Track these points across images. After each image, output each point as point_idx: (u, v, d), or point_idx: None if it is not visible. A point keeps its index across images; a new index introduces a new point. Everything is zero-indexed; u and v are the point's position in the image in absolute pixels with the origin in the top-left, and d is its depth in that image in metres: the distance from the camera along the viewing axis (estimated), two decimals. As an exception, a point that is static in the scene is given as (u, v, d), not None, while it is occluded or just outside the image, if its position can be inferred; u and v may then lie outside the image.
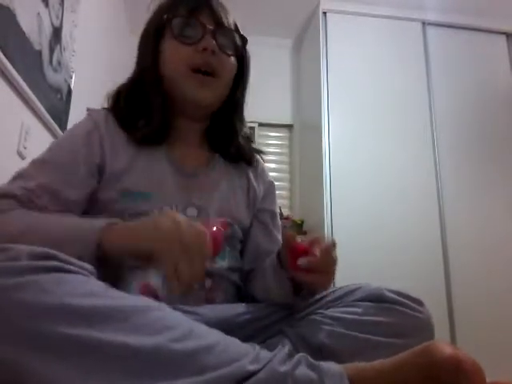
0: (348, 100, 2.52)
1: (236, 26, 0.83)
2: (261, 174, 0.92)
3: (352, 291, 0.69)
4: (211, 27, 0.77)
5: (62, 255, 0.48)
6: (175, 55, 0.77)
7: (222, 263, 0.77)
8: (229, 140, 0.86)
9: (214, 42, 0.76)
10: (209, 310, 0.67)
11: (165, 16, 0.78)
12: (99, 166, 0.74)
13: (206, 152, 0.86)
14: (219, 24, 0.78)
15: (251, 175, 0.89)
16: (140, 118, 0.79)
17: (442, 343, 0.47)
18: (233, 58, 0.82)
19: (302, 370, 0.48)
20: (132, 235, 0.58)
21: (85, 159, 0.73)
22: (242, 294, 0.83)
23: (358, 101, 2.52)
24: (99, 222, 0.61)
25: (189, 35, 0.76)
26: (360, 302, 0.66)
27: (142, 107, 0.79)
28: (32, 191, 0.68)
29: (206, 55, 0.76)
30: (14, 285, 0.42)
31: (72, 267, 0.48)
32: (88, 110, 0.83)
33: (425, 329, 0.66)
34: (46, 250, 0.48)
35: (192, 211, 0.77)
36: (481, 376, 0.45)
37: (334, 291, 0.71)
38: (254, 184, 0.88)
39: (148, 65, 0.79)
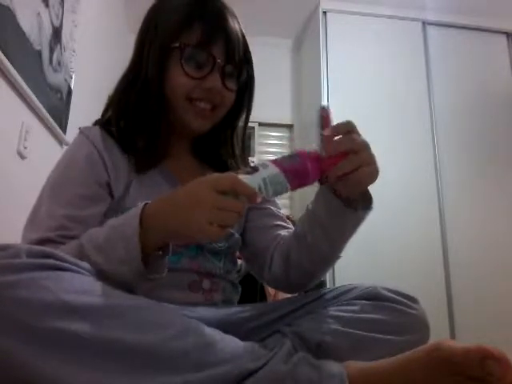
0: (348, 100, 2.52)
1: (245, 45, 0.78)
2: None
3: (348, 290, 0.69)
4: (222, 62, 0.73)
5: (60, 254, 0.49)
6: (177, 84, 0.73)
7: (219, 265, 0.77)
8: (219, 151, 0.85)
9: (219, 80, 0.73)
10: (207, 311, 0.68)
11: (177, 44, 0.72)
12: (108, 185, 0.72)
13: (197, 163, 0.85)
14: (231, 58, 0.74)
15: None
16: (137, 132, 0.75)
17: (450, 341, 0.47)
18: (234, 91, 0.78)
19: (303, 370, 0.48)
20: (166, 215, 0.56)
21: (96, 178, 0.71)
22: (240, 292, 0.83)
23: (358, 101, 2.52)
24: (133, 212, 0.57)
25: (196, 67, 0.72)
26: (356, 301, 0.67)
27: (140, 122, 0.75)
28: (62, 227, 0.65)
29: (209, 94, 0.73)
30: (12, 282, 0.43)
31: (69, 265, 0.48)
32: (80, 129, 0.77)
33: (420, 326, 0.67)
34: (44, 248, 0.49)
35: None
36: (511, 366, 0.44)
37: (330, 291, 0.71)
38: None
39: (154, 83, 0.74)
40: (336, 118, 0.65)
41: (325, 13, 2.67)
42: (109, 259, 0.56)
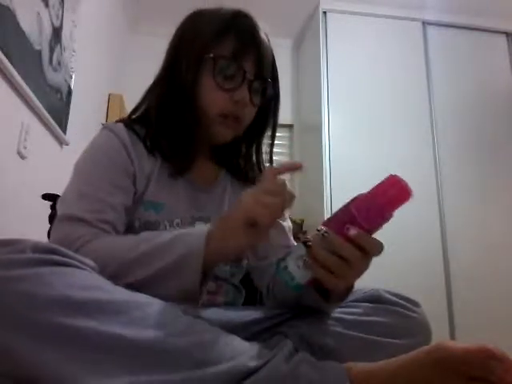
0: (348, 100, 2.52)
1: (274, 62, 0.81)
2: None
3: None
4: (251, 77, 0.75)
5: (63, 250, 0.49)
6: (209, 97, 0.75)
7: (225, 268, 0.78)
8: (237, 157, 0.87)
9: (248, 94, 0.75)
10: (210, 313, 0.68)
11: (211, 55, 0.74)
12: (134, 177, 0.73)
13: (214, 166, 0.87)
14: (260, 74, 0.76)
15: None
16: (171, 136, 0.77)
17: (452, 341, 0.47)
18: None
19: (304, 370, 0.48)
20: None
21: (124, 168, 0.73)
22: (245, 296, 0.83)
23: (358, 101, 2.52)
24: (200, 229, 0.60)
25: (228, 79, 0.74)
26: (359, 303, 0.67)
27: (169, 126, 0.77)
28: (97, 211, 0.66)
29: (237, 107, 0.75)
30: (17, 276, 0.44)
31: (73, 261, 0.49)
32: (103, 125, 0.79)
33: (421, 329, 0.67)
34: (50, 244, 0.49)
35: (200, 225, 0.78)
36: None
37: None
38: None
39: (188, 92, 0.75)
40: (336, 118, 0.65)
41: (325, 13, 2.67)
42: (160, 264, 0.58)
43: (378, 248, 0.55)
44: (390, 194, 0.54)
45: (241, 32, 0.75)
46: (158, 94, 0.79)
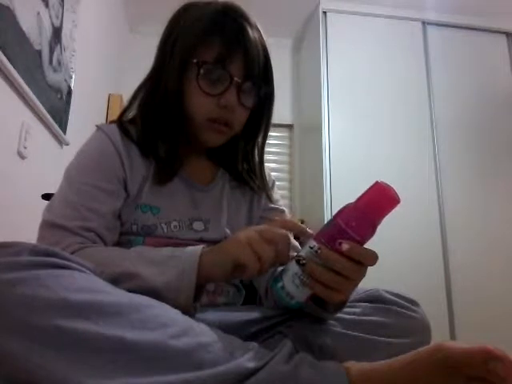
0: (348, 100, 2.52)
1: (266, 58, 0.77)
2: (264, 201, 0.89)
3: None
4: (239, 80, 0.72)
5: (62, 253, 0.49)
6: (195, 102, 0.73)
7: None
8: (234, 159, 0.85)
9: (235, 97, 0.72)
10: (210, 313, 0.67)
11: (195, 60, 0.71)
12: (125, 181, 0.73)
13: (211, 164, 0.86)
14: (249, 75, 0.73)
15: (255, 198, 0.88)
16: (158, 139, 0.76)
17: (452, 342, 0.47)
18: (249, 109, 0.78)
19: (304, 370, 0.47)
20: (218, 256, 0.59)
21: (114, 173, 0.72)
22: (245, 296, 0.83)
23: (358, 101, 2.52)
24: (194, 249, 0.60)
25: (214, 83, 0.71)
26: (358, 303, 0.67)
27: (162, 131, 0.75)
28: (81, 218, 0.66)
29: (224, 111, 0.73)
30: (14, 279, 0.43)
31: (71, 264, 0.48)
32: (97, 126, 0.78)
33: (421, 329, 0.67)
34: (47, 247, 0.49)
35: (199, 225, 0.77)
36: None
37: None
38: (255, 206, 0.88)
39: (173, 97, 0.74)
40: (336, 118, 0.65)
41: (325, 13, 2.67)
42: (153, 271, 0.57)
43: (373, 259, 0.55)
44: (378, 203, 0.54)
45: (227, 33, 0.71)
46: (144, 96, 0.77)
